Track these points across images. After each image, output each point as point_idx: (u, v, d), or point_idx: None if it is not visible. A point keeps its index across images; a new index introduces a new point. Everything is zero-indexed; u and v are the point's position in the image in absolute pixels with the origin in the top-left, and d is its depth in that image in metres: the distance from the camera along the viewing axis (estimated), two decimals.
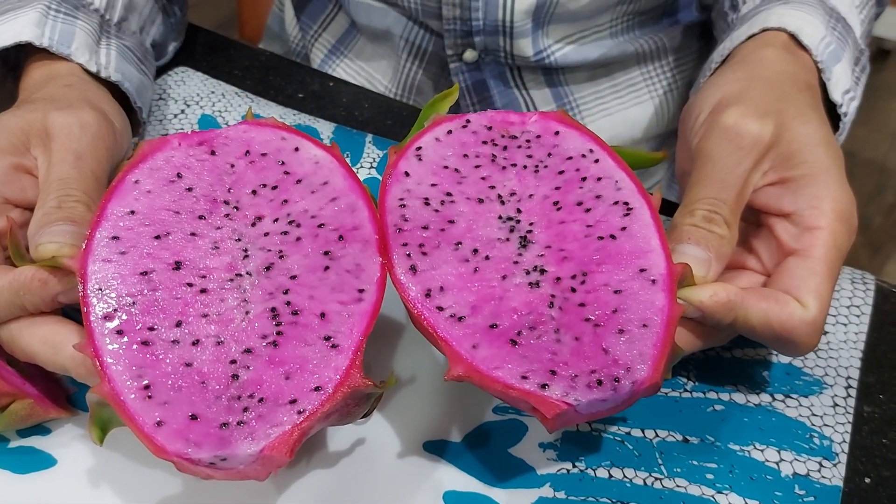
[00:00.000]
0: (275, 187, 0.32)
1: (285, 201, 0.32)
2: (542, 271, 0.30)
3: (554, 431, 0.28)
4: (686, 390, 0.35)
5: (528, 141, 0.34)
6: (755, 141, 0.33)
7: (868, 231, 1.61)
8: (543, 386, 0.28)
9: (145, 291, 0.29)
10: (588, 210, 0.32)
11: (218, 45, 0.53)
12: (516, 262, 0.31)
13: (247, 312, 0.29)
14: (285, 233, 0.31)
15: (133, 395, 0.26)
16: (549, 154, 0.34)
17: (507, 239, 0.31)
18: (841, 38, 0.38)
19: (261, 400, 0.27)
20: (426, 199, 0.32)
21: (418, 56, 0.56)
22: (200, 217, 0.31)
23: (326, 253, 0.30)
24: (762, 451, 0.33)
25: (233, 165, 0.33)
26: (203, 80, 0.48)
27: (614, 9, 0.53)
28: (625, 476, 0.32)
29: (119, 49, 0.41)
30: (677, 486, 0.32)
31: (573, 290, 0.30)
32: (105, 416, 0.27)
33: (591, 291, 0.30)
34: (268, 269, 0.30)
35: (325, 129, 0.45)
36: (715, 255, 0.31)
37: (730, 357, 0.36)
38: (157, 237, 0.30)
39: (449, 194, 0.32)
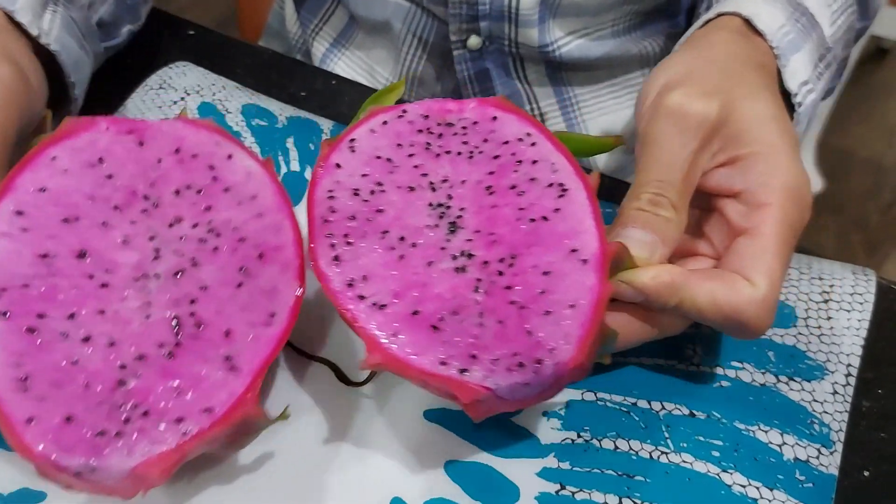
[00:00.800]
0: (200, 191, 0.31)
1: (209, 208, 0.31)
2: (470, 256, 0.30)
3: (478, 419, 0.29)
4: (693, 364, 0.35)
5: (464, 128, 0.34)
6: (700, 121, 0.32)
7: (866, 229, 1.61)
8: (462, 371, 0.28)
9: (43, 275, 0.28)
10: (521, 193, 0.32)
11: (220, 43, 0.52)
12: (443, 248, 0.31)
13: (147, 316, 0.28)
14: (203, 240, 0.30)
15: (6, 383, 0.25)
16: (485, 140, 0.34)
17: (437, 225, 0.31)
18: (803, 31, 0.38)
19: (145, 413, 0.26)
20: (356, 189, 0.32)
21: (420, 47, 0.56)
22: (115, 208, 0.30)
23: (242, 269, 0.30)
24: (766, 432, 0.33)
25: (160, 161, 0.31)
26: (204, 73, 0.48)
27: (619, 8, 0.53)
28: (631, 448, 0.33)
29: (64, 19, 0.40)
30: (683, 461, 0.32)
31: (500, 273, 0.30)
32: None
33: (518, 274, 0.30)
34: (177, 274, 0.29)
35: (325, 124, 0.45)
36: (661, 239, 0.31)
37: None
38: (66, 220, 0.29)
39: (379, 184, 0.32)
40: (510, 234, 0.31)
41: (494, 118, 0.34)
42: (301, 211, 0.32)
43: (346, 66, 0.60)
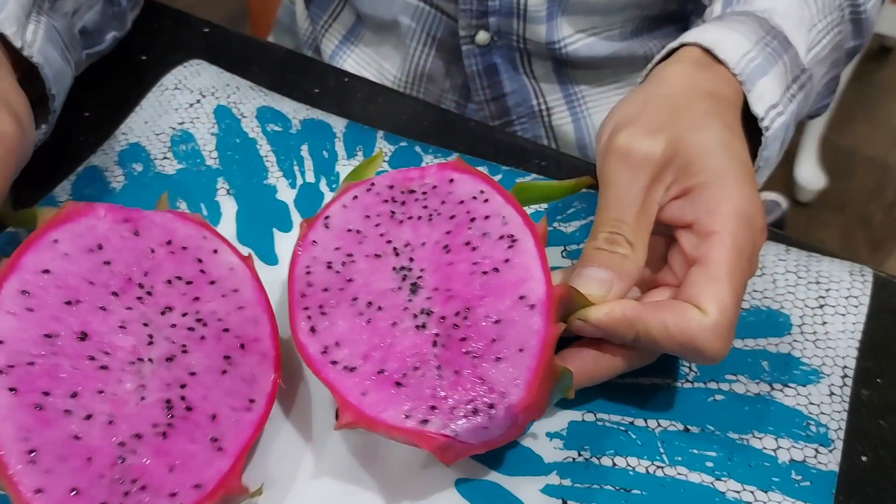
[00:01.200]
0: (189, 282, 0.33)
1: (196, 298, 0.33)
2: (429, 313, 0.32)
3: (450, 464, 0.30)
4: (688, 381, 0.36)
5: (424, 193, 0.36)
6: (645, 158, 0.33)
7: (869, 228, 1.61)
8: (423, 422, 0.30)
9: (46, 354, 0.29)
10: (475, 249, 0.33)
11: (233, 41, 0.54)
12: (406, 308, 0.33)
13: (142, 398, 0.30)
14: (192, 329, 0.32)
15: (16, 456, 0.27)
16: (443, 202, 0.35)
17: (400, 287, 0.33)
18: (773, 54, 0.38)
19: (142, 487, 0.28)
20: (329, 262, 0.34)
21: (428, 43, 0.56)
22: (113, 293, 0.32)
23: (227, 357, 0.32)
24: (760, 439, 0.34)
25: (153, 251, 0.33)
26: (218, 72, 0.49)
27: (627, 10, 0.53)
28: (628, 464, 0.33)
29: (47, 29, 0.40)
30: (678, 473, 0.33)
31: (456, 326, 0.31)
32: None
33: (472, 325, 0.31)
34: (169, 360, 0.31)
35: (338, 124, 0.46)
36: (618, 275, 0.32)
37: (731, 348, 0.37)
38: (68, 303, 0.30)
39: (350, 255, 0.34)
40: (465, 288, 0.32)
41: (451, 180, 0.36)
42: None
43: (356, 62, 0.60)
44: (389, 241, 0.35)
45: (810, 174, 1.63)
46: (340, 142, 0.46)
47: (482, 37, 0.54)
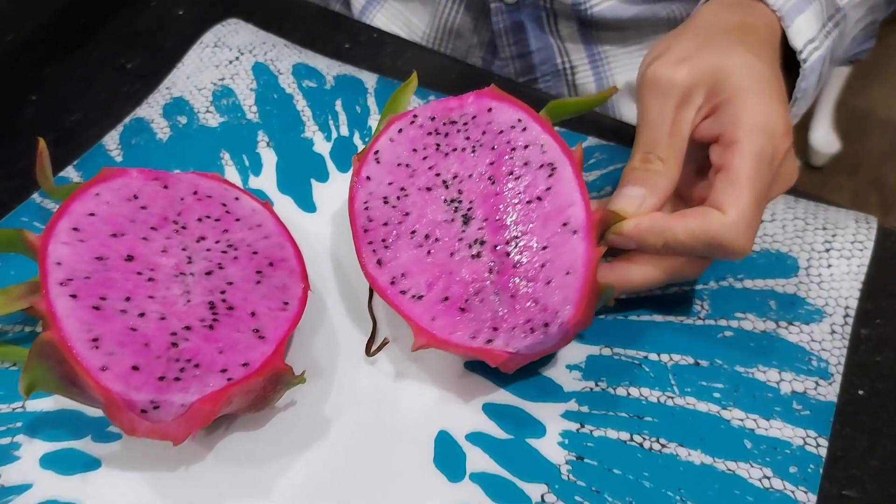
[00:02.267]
0: (218, 219, 0.37)
1: (226, 230, 0.37)
2: (482, 243, 0.35)
3: (510, 372, 0.34)
4: (700, 318, 0.39)
5: (465, 124, 0.38)
6: (670, 84, 0.36)
7: (882, 189, 1.61)
8: (489, 341, 0.33)
9: (99, 271, 0.33)
10: (518, 178, 0.36)
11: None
12: (461, 239, 0.36)
13: (188, 301, 0.33)
14: (225, 252, 0.36)
15: (81, 343, 0.30)
16: (484, 132, 0.38)
17: (453, 219, 0.36)
18: None
19: (196, 365, 0.31)
20: (385, 197, 0.37)
21: (457, 0, 0.58)
22: (152, 228, 0.35)
23: (259, 272, 0.36)
24: (765, 372, 0.37)
25: (182, 199, 0.37)
26: (254, 31, 0.51)
27: None
28: (641, 394, 0.36)
29: None
30: (687, 403, 0.36)
31: (508, 254, 0.35)
32: (38, 372, 0.30)
33: (522, 252, 0.35)
34: (208, 273, 0.35)
35: (370, 80, 0.49)
36: (650, 190, 0.35)
37: (741, 288, 0.40)
38: (114, 235, 0.34)
39: (403, 189, 0.37)
40: (513, 218, 0.35)
41: (490, 109, 0.38)
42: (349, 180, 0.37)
43: (385, 18, 0.62)
44: (438, 174, 0.37)
45: (824, 138, 1.63)
46: (372, 97, 0.48)
47: None
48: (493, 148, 0.37)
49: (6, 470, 0.33)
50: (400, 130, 0.39)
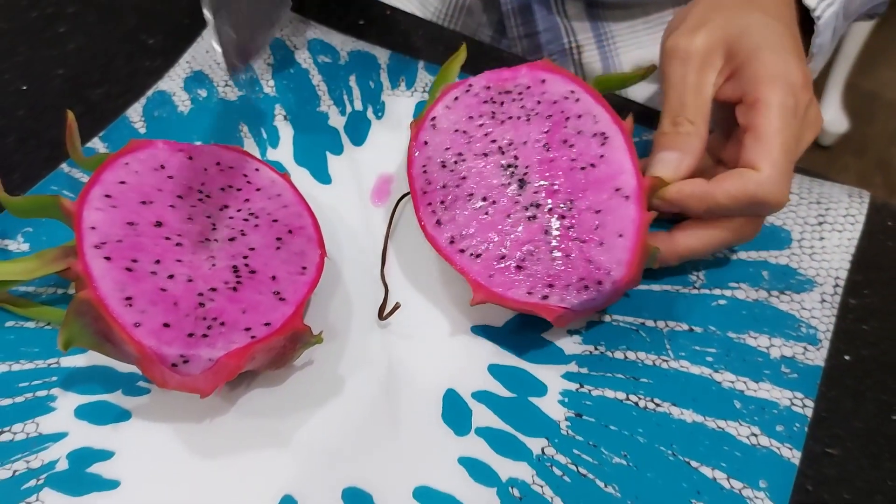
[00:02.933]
0: (239, 189, 0.39)
1: (247, 200, 0.39)
2: (538, 205, 0.37)
3: (562, 327, 0.37)
4: (695, 287, 0.41)
5: (520, 93, 0.40)
6: (687, 51, 0.38)
7: (887, 172, 1.62)
8: (544, 297, 0.35)
9: (131, 236, 0.35)
10: (572, 146, 0.38)
11: None
12: (517, 202, 0.38)
13: (213, 265, 0.35)
14: (246, 219, 0.38)
15: (115, 301, 0.32)
16: (539, 102, 0.40)
17: (509, 183, 0.38)
18: None
19: (222, 323, 0.33)
20: (443, 162, 0.39)
21: None
22: (179, 196, 0.37)
23: (279, 239, 0.38)
24: (756, 338, 0.39)
25: (206, 169, 0.39)
26: None
27: None
28: (637, 357, 0.38)
29: None
30: (681, 366, 0.38)
31: (562, 217, 0.37)
32: (75, 329, 0.32)
33: (576, 215, 0.37)
34: (231, 240, 0.37)
35: (382, 56, 0.50)
36: (683, 151, 0.37)
37: (735, 259, 0.41)
38: (143, 202, 0.36)
39: (460, 154, 0.39)
40: (567, 183, 0.37)
41: (543, 80, 0.40)
42: (363, 152, 0.40)
43: None
44: (494, 141, 0.39)
45: (833, 118, 1.64)
46: (385, 72, 0.50)
47: None
48: (547, 117, 0.39)
49: (43, 420, 0.36)
50: (456, 98, 0.41)
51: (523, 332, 0.39)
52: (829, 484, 0.35)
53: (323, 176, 0.46)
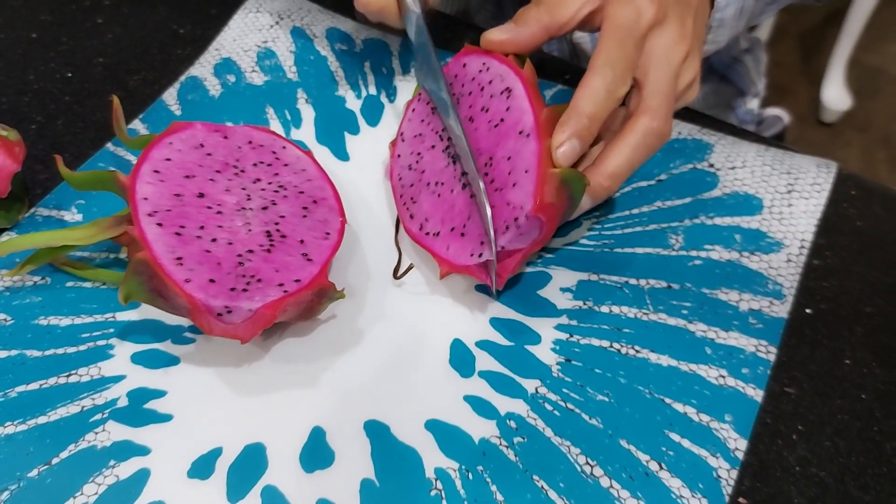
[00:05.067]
0: (269, 164, 0.44)
1: (276, 174, 0.44)
2: (466, 173, 0.42)
3: (516, 272, 0.41)
4: (674, 250, 0.45)
5: (450, 83, 0.45)
6: None
7: (890, 147, 1.64)
8: (481, 255, 0.39)
9: (178, 206, 0.40)
10: (487, 110, 0.42)
11: None
12: (455, 177, 0.42)
13: (249, 230, 0.40)
14: (276, 191, 0.43)
15: (168, 261, 0.37)
16: (463, 84, 0.45)
17: (449, 163, 0.43)
18: None
19: (258, 280, 0.38)
20: (409, 165, 0.45)
21: None
22: (217, 171, 0.42)
23: (304, 208, 0.43)
24: (727, 293, 0.43)
25: (240, 147, 0.44)
26: None
27: None
28: (621, 311, 0.43)
29: None
30: (659, 318, 0.43)
31: (486, 174, 0.41)
32: (133, 285, 0.37)
33: (495, 167, 0.41)
34: (264, 209, 0.42)
35: (394, 43, 0.55)
36: (518, 23, 0.42)
37: (711, 224, 0.46)
38: (186, 176, 0.41)
39: (419, 153, 0.45)
40: (486, 144, 0.42)
41: (464, 65, 0.45)
42: (378, 132, 0.47)
43: None
44: (436, 132, 0.45)
45: (836, 95, 1.66)
46: (396, 59, 0.55)
47: None
48: (469, 94, 0.44)
49: (104, 364, 0.41)
50: (413, 110, 0.47)
51: (521, 288, 0.44)
52: (785, 418, 0.40)
53: (342, 153, 0.51)
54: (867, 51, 1.76)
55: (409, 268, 0.44)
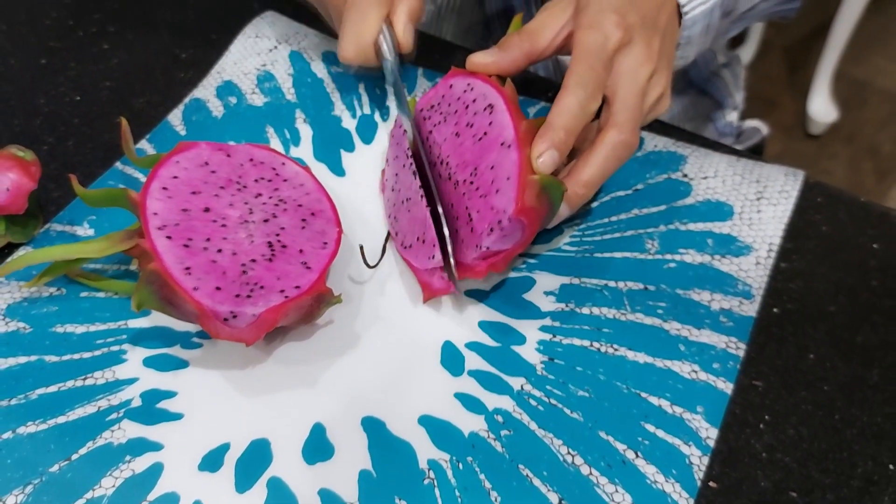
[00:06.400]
0: (270, 180, 0.47)
1: (276, 189, 0.47)
2: (456, 184, 0.45)
3: (503, 270, 0.44)
4: (650, 254, 0.48)
5: (438, 103, 0.49)
6: (546, 4, 0.46)
7: (876, 157, 1.68)
8: (434, 256, 0.43)
9: (185, 220, 0.43)
10: (472, 125, 0.46)
11: None
12: (417, 191, 0.45)
13: (252, 241, 0.43)
14: (276, 205, 0.45)
15: (177, 271, 0.40)
16: (449, 104, 0.48)
17: (414, 179, 0.46)
18: None
19: (261, 287, 0.41)
20: (392, 186, 0.49)
21: None
22: (221, 187, 0.45)
23: (303, 220, 0.46)
24: (699, 294, 0.46)
25: (242, 164, 0.47)
26: (288, 23, 0.61)
27: None
28: (601, 312, 0.46)
29: None
30: (636, 318, 0.46)
31: (471, 182, 0.44)
32: (145, 294, 0.40)
33: (480, 177, 0.43)
34: (265, 221, 0.45)
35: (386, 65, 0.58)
36: (503, 49, 0.46)
37: (685, 230, 0.49)
38: (193, 193, 0.44)
39: (396, 174, 0.49)
40: (471, 156, 0.45)
41: (451, 86, 0.49)
42: (372, 150, 0.51)
43: None
44: (406, 153, 0.48)
45: (823, 107, 1.70)
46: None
47: None
48: (455, 112, 0.47)
49: (118, 368, 0.44)
50: (392, 136, 0.51)
51: (507, 292, 0.47)
52: (753, 409, 0.43)
53: (338, 169, 0.54)
54: (853, 63, 1.80)
55: (387, 240, 0.49)
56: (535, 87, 0.58)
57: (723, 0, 0.51)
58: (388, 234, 0.50)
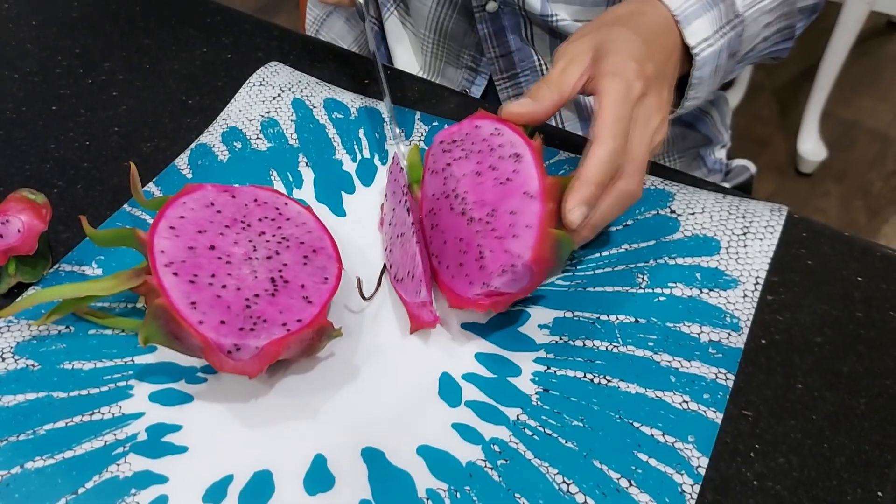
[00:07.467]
0: (273, 219, 0.49)
1: (280, 227, 0.49)
2: (471, 219, 0.47)
3: (503, 311, 0.47)
4: (641, 288, 0.50)
5: (461, 139, 0.51)
6: (564, 51, 0.48)
7: (868, 196, 1.71)
8: (420, 292, 0.46)
9: (191, 257, 0.44)
10: (495, 168, 0.48)
11: (301, 43, 0.68)
12: (410, 227, 0.48)
13: (255, 277, 0.45)
14: (279, 242, 0.48)
15: (183, 306, 0.42)
16: (473, 143, 0.50)
17: (408, 215, 0.49)
18: (710, 2, 0.52)
19: (264, 320, 0.43)
20: (389, 221, 0.53)
21: (450, 7, 0.71)
22: (226, 226, 0.47)
23: (305, 257, 0.47)
24: (689, 326, 0.48)
25: (246, 204, 0.49)
26: (291, 72, 0.64)
27: (607, 4, 0.66)
28: (594, 345, 0.48)
29: None
30: (628, 350, 0.47)
31: (488, 222, 0.46)
32: (152, 329, 0.42)
33: (498, 218, 0.46)
34: (269, 258, 0.46)
35: (386, 111, 0.61)
36: (534, 99, 0.48)
37: (674, 264, 0.51)
38: (199, 231, 0.46)
39: (393, 209, 0.53)
40: (492, 197, 0.47)
41: (477, 126, 0.51)
42: (371, 191, 0.53)
43: (397, 19, 0.74)
44: (403, 189, 0.51)
45: (812, 147, 1.74)
46: (388, 126, 0.60)
47: (491, 6, 0.68)
48: (478, 151, 0.49)
49: (125, 403, 0.46)
50: (390, 172, 0.54)
51: (503, 326, 0.49)
52: (743, 437, 0.44)
53: (339, 210, 0.56)
54: (841, 105, 1.85)
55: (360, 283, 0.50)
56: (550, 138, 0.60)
57: (729, 42, 0.54)
58: (384, 266, 0.51)
